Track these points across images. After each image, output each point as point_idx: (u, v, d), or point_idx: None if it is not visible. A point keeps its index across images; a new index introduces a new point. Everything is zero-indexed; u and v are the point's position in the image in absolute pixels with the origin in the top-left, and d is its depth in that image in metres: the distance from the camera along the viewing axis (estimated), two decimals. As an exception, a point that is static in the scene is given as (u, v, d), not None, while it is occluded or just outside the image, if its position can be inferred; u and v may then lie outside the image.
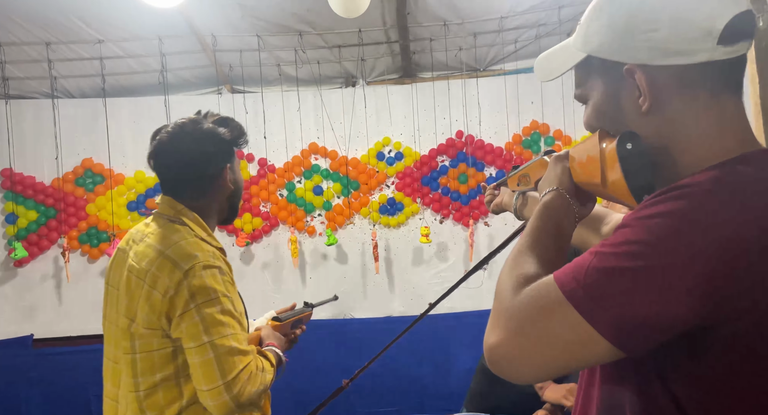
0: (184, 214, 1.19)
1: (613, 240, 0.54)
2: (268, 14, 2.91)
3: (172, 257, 1.10)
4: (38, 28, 2.86)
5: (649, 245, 0.51)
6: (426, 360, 3.28)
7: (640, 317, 0.50)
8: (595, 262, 0.53)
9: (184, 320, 1.08)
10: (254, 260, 3.49)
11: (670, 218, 0.52)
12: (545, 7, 2.98)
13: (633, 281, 0.51)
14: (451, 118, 3.43)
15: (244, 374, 1.10)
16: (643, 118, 0.61)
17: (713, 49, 0.56)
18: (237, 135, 1.28)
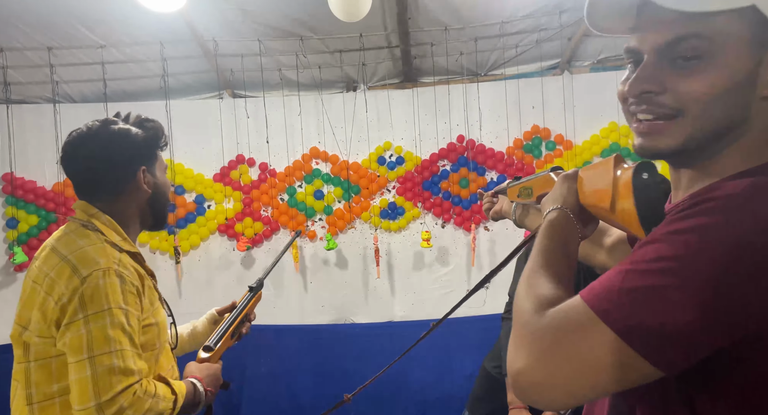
0: (96, 218, 1.14)
1: (642, 256, 0.52)
2: (270, 19, 2.92)
3: (73, 262, 1.04)
4: (40, 33, 2.87)
5: (683, 262, 0.49)
6: (427, 365, 3.26)
7: (678, 335, 0.48)
8: (628, 280, 0.51)
9: (69, 331, 1.00)
10: (255, 265, 3.49)
11: (702, 234, 0.50)
12: (546, 11, 2.98)
13: (668, 298, 0.48)
14: (452, 122, 3.43)
15: (123, 397, 0.98)
16: (761, 101, 0.55)
17: None
18: (153, 136, 1.22)
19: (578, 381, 0.51)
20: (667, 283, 0.49)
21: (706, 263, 0.48)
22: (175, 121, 3.37)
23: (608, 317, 0.50)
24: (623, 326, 0.49)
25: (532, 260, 0.65)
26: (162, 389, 1.07)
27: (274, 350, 3.38)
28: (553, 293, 0.58)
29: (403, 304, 3.46)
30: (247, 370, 3.38)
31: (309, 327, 3.42)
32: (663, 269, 0.50)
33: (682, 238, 0.50)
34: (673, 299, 0.48)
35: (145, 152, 1.20)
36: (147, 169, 1.20)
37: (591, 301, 0.52)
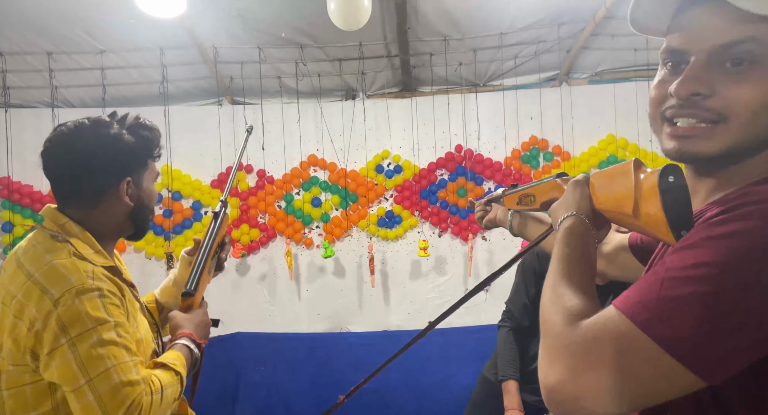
0: (67, 229, 1.03)
1: (681, 263, 0.50)
2: (270, 27, 2.93)
3: (41, 282, 0.94)
4: (40, 38, 2.88)
5: (724, 268, 0.48)
6: (423, 375, 3.24)
7: (724, 344, 0.47)
8: (667, 288, 0.49)
9: (54, 359, 0.91)
10: (250, 272, 3.47)
11: (744, 239, 0.48)
12: (545, 24, 3.01)
13: (712, 306, 0.47)
14: (451, 132, 3.44)
15: (134, 408, 0.93)
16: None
17: None
18: (146, 146, 1.10)
19: (619, 393, 0.50)
20: (708, 290, 0.47)
21: (748, 269, 0.47)
22: (174, 127, 3.37)
23: (649, 327, 0.49)
24: (665, 336, 0.48)
25: (553, 269, 0.64)
26: (166, 377, 1.01)
27: (268, 357, 3.35)
28: (582, 304, 0.56)
29: (400, 313, 3.45)
30: (240, 378, 3.35)
31: (304, 335, 3.40)
32: (704, 276, 0.48)
33: (722, 243, 0.49)
34: (716, 307, 0.47)
35: (133, 162, 1.09)
36: (133, 179, 1.08)
37: (629, 311, 0.50)
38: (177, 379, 1.03)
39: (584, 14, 2.90)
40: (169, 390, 1.00)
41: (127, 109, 3.65)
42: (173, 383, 1.02)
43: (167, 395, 1.00)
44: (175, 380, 1.03)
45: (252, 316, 3.40)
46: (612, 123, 3.28)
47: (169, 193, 3.41)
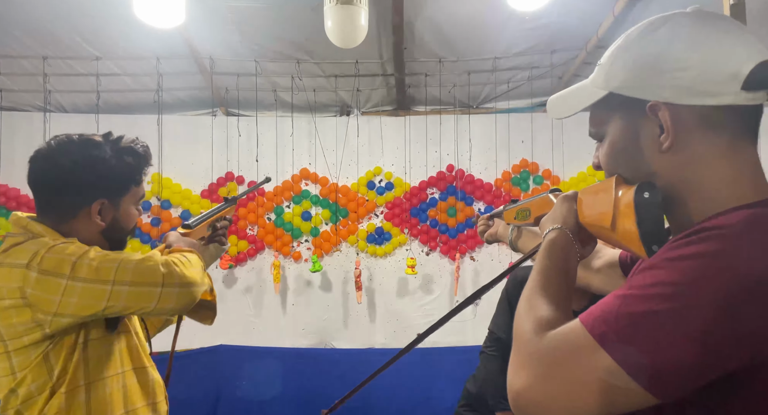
0: (30, 229, 1.05)
1: (641, 282, 0.53)
2: (267, 41, 2.96)
3: (5, 262, 0.98)
4: (36, 42, 2.87)
5: (682, 288, 0.50)
6: (407, 394, 3.21)
7: (675, 362, 0.49)
8: (626, 305, 0.52)
9: (72, 296, 0.95)
10: (236, 284, 3.44)
11: (702, 260, 0.51)
12: (538, 50, 3.07)
13: (666, 324, 0.49)
14: (442, 152, 3.47)
15: (169, 266, 1.00)
16: (661, 157, 0.61)
17: (737, 94, 0.57)
18: (129, 171, 1.11)
19: (575, 403, 0.52)
20: (664, 308, 0.49)
21: (705, 290, 0.49)
22: (166, 136, 3.37)
23: (605, 341, 0.51)
24: (619, 351, 0.50)
25: (532, 279, 0.66)
26: (180, 252, 1.09)
27: (250, 372, 3.30)
28: (552, 315, 0.59)
29: (385, 331, 3.43)
30: (221, 391, 3.29)
31: (288, 350, 3.36)
32: (661, 295, 0.50)
33: (681, 264, 0.51)
34: (670, 326, 0.49)
35: (112, 186, 1.10)
36: (109, 201, 1.09)
37: (589, 325, 0.53)
38: (192, 253, 1.11)
39: (577, 43, 2.97)
40: (190, 256, 1.09)
41: (121, 116, 3.65)
42: (192, 255, 1.10)
43: (191, 259, 1.08)
44: (193, 254, 1.11)
45: (236, 328, 3.36)
46: (601, 149, 3.34)
47: (158, 202, 3.38)
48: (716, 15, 0.62)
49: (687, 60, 0.58)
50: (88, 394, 1.00)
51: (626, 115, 0.64)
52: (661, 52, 0.60)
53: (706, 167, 0.60)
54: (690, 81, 0.58)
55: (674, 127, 0.60)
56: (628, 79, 0.62)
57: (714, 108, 0.59)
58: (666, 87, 0.59)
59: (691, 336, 0.48)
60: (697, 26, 0.60)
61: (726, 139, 0.60)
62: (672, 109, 0.60)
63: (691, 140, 0.60)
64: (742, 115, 0.60)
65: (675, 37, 0.60)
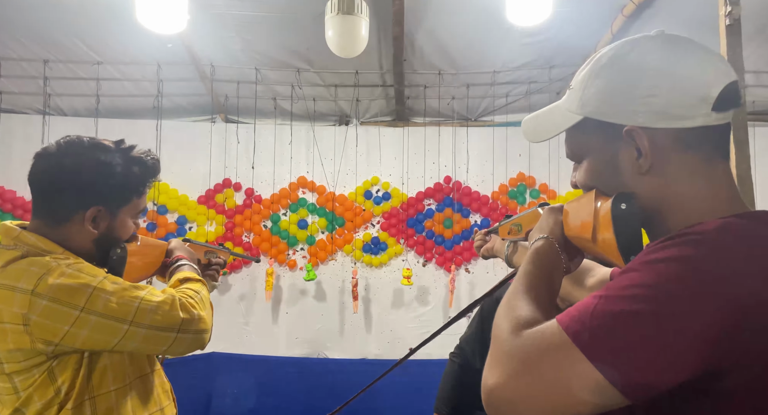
0: (22, 239, 1.01)
1: (619, 283, 0.53)
2: (268, 49, 2.98)
3: (3, 283, 0.93)
4: (37, 46, 2.89)
5: (657, 289, 0.51)
6: (399, 406, 3.19)
7: (647, 362, 0.49)
8: (601, 305, 0.52)
9: (82, 328, 0.92)
10: (230, 291, 3.43)
11: (679, 264, 0.52)
12: (537, 65, 3.10)
13: (640, 325, 0.50)
14: (440, 163, 3.49)
15: (184, 311, 0.99)
16: (640, 178, 0.63)
17: (708, 115, 0.60)
18: (133, 182, 1.07)
19: (548, 401, 0.52)
20: (639, 309, 0.50)
21: (678, 293, 0.50)
22: (165, 141, 3.37)
23: (578, 339, 0.51)
24: (592, 349, 0.50)
25: (515, 283, 0.67)
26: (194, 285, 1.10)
27: (242, 380, 3.28)
28: (531, 316, 0.59)
29: (379, 342, 3.41)
30: (212, 399, 3.26)
31: (281, 359, 3.34)
32: (635, 296, 0.51)
33: (656, 267, 0.53)
34: (644, 326, 0.50)
35: (113, 194, 1.05)
36: (107, 209, 1.05)
37: (565, 323, 0.53)
38: (201, 284, 1.12)
39: (575, 58, 3.00)
40: (202, 291, 1.09)
41: (120, 120, 3.65)
42: (202, 287, 1.11)
43: (204, 296, 1.08)
44: (202, 285, 1.12)
45: (229, 336, 3.34)
46: (597, 164, 3.36)
47: (154, 207, 3.38)
48: (682, 38, 0.63)
49: (658, 86, 0.60)
50: (94, 408, 0.98)
51: (603, 139, 0.66)
52: (633, 79, 0.62)
53: (683, 185, 0.62)
54: (662, 106, 0.60)
55: (651, 150, 0.62)
56: (601, 105, 0.64)
57: (687, 130, 0.61)
58: (639, 112, 0.61)
59: (661, 338, 0.49)
60: (666, 51, 0.62)
61: (701, 158, 0.62)
62: (648, 132, 0.61)
63: (668, 161, 0.62)
64: (713, 134, 0.62)
65: (644, 64, 0.62)
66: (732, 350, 0.50)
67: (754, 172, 1.71)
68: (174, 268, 1.18)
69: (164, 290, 1.04)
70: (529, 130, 0.76)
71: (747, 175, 1.63)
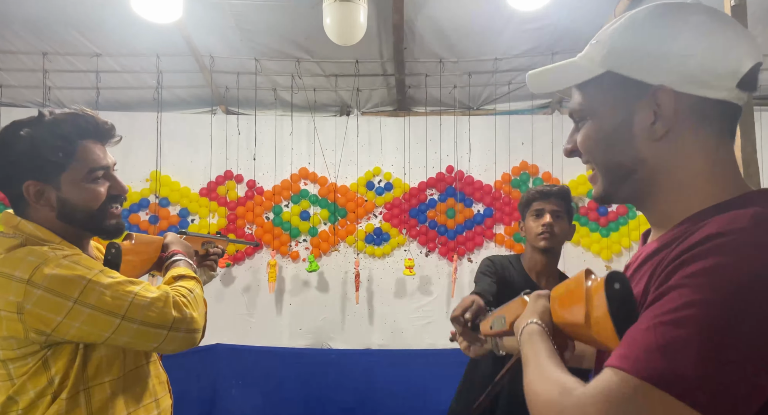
0: (21, 228, 1.01)
1: (666, 307, 0.49)
2: (267, 39, 2.96)
3: (1, 271, 0.93)
4: (36, 38, 2.87)
5: (713, 305, 0.47)
6: (401, 398, 3.20)
7: (733, 380, 0.46)
8: (661, 335, 0.48)
9: (74, 320, 0.92)
10: (234, 283, 3.43)
11: (723, 273, 0.49)
12: (539, 51, 3.06)
13: (710, 345, 0.46)
14: (442, 153, 3.46)
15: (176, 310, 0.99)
16: (651, 145, 0.61)
17: (731, 90, 0.58)
18: (55, 145, 1.00)
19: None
20: (701, 328, 0.47)
21: (736, 303, 0.47)
22: (166, 134, 3.36)
23: (654, 378, 0.47)
24: (673, 383, 0.46)
25: (526, 372, 0.63)
26: (188, 283, 1.09)
27: (247, 371, 3.29)
28: (571, 379, 0.55)
29: (383, 332, 3.41)
30: (217, 390, 3.28)
31: (284, 350, 3.35)
32: (694, 316, 0.47)
33: (703, 280, 0.49)
34: (715, 344, 0.46)
35: (33, 163, 1.00)
36: (44, 182, 1.00)
37: (631, 368, 0.48)
38: (195, 282, 1.11)
39: (578, 44, 2.95)
40: (196, 290, 1.08)
41: (120, 113, 3.65)
42: (196, 285, 1.10)
43: (198, 294, 1.07)
44: (196, 283, 1.11)
45: (233, 327, 3.35)
46: (601, 152, 3.33)
47: (156, 199, 3.38)
48: (720, 11, 0.62)
49: (694, 47, 0.58)
50: (89, 398, 0.98)
51: (621, 97, 0.62)
52: (670, 36, 0.59)
53: (689, 159, 0.60)
54: (693, 69, 0.58)
55: (668, 113, 0.59)
56: (631, 59, 0.61)
57: (708, 101, 0.59)
58: (672, 72, 0.58)
59: (737, 351, 0.46)
60: (707, 16, 0.60)
61: (712, 134, 0.60)
62: (666, 94, 0.59)
63: (683, 130, 0.60)
64: (730, 112, 0.60)
65: (686, 24, 0.59)
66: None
67: (760, 157, 1.69)
68: (169, 263, 1.17)
69: (159, 287, 1.03)
70: (535, 80, 0.71)
71: (753, 160, 1.60)
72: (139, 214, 3.39)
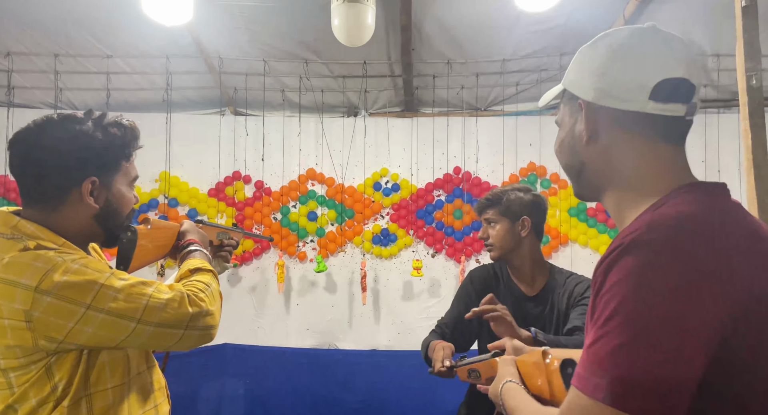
0: (20, 228, 0.97)
1: (598, 321, 0.56)
2: (276, 40, 2.97)
3: (6, 278, 0.90)
4: (48, 40, 2.91)
5: (628, 315, 0.54)
6: (409, 398, 3.20)
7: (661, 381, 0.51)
8: (594, 352, 0.55)
9: (87, 325, 0.90)
10: (241, 283, 3.45)
11: (632, 279, 0.55)
12: (547, 52, 3.05)
13: (634, 353, 0.52)
14: (449, 154, 3.46)
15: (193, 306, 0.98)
16: (584, 148, 0.73)
17: (645, 102, 0.66)
18: (118, 144, 1.03)
19: None
20: (624, 340, 0.53)
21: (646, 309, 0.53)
22: (175, 135, 3.39)
23: (595, 394, 0.53)
24: (613, 397, 0.52)
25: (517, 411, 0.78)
26: (205, 277, 1.07)
27: (254, 371, 3.31)
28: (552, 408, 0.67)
29: (390, 332, 3.42)
30: (225, 390, 3.30)
31: (291, 350, 3.36)
32: (616, 328, 0.54)
33: (617, 290, 0.55)
34: (638, 352, 0.52)
35: (100, 161, 1.01)
36: (100, 180, 1.01)
37: (580, 385, 0.56)
38: (212, 275, 1.10)
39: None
40: (213, 284, 1.07)
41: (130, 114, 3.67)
42: (213, 279, 1.09)
43: (215, 289, 1.07)
44: (212, 277, 1.10)
45: (241, 327, 3.36)
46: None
47: (165, 200, 3.40)
48: (652, 32, 0.69)
49: (608, 66, 0.68)
50: (90, 405, 0.96)
51: (569, 108, 0.75)
52: (595, 57, 0.70)
53: (626, 160, 0.69)
54: (607, 85, 0.68)
55: (588, 124, 0.71)
56: (572, 78, 0.74)
57: (626, 112, 0.67)
58: (590, 88, 0.70)
59: (659, 353, 0.51)
60: (629, 38, 0.69)
61: (641, 139, 0.68)
62: (593, 108, 0.70)
63: (606, 136, 0.70)
64: (656, 121, 0.67)
65: (605, 47, 0.70)
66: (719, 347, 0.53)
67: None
68: (185, 253, 1.16)
69: (172, 286, 1.01)
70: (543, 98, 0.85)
71: (763, 161, 1.58)
72: (148, 214, 3.41)
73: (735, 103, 3.29)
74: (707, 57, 2.97)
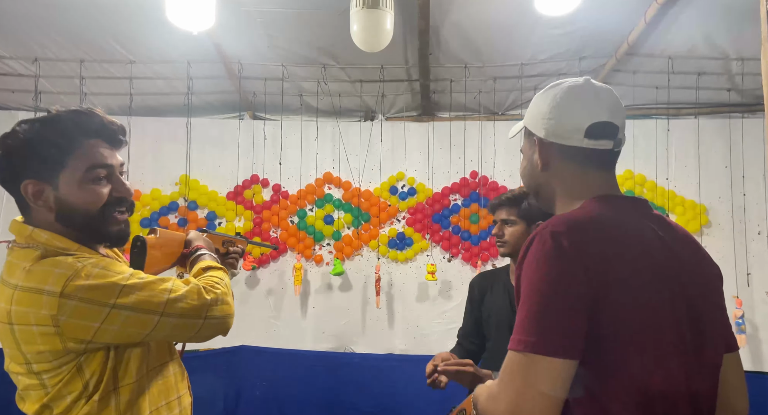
0: (35, 237, 0.99)
1: (521, 297, 0.80)
2: (294, 46, 3.00)
3: (30, 287, 0.92)
4: (74, 46, 2.98)
5: (530, 287, 0.78)
6: (424, 404, 3.18)
7: (557, 326, 0.75)
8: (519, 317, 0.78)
9: (113, 324, 0.93)
10: (259, 285, 3.48)
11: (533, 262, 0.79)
12: (566, 57, 3.03)
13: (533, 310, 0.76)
14: (466, 158, 3.45)
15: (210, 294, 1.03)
16: (540, 173, 0.95)
17: (581, 140, 0.89)
18: (53, 142, 0.97)
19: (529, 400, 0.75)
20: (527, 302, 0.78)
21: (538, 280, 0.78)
22: (195, 139, 3.44)
23: (522, 346, 0.76)
24: (526, 344, 0.75)
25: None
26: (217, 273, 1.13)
27: (271, 373, 3.33)
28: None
29: (405, 337, 3.41)
30: (242, 392, 3.32)
31: (308, 353, 3.37)
32: (524, 296, 0.79)
33: (525, 272, 0.81)
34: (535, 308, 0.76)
35: (33, 163, 0.97)
36: (41, 182, 0.98)
37: (510, 345, 0.78)
38: (223, 272, 1.16)
39: (606, 49, 2.92)
40: (225, 279, 1.13)
41: (152, 118, 3.72)
42: (225, 275, 1.15)
43: (227, 284, 1.12)
44: (224, 273, 1.15)
45: (258, 330, 3.39)
46: (630, 159, 3.27)
47: (185, 203, 3.45)
48: (586, 86, 0.91)
49: (552, 113, 0.91)
50: (118, 398, 1.00)
51: (529, 141, 0.97)
52: (545, 105, 0.92)
53: (564, 183, 0.93)
54: (554, 127, 0.91)
55: (544, 154, 0.93)
56: (529, 118, 0.96)
57: (568, 146, 0.90)
58: (542, 128, 0.92)
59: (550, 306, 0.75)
60: (566, 93, 0.91)
61: (578, 167, 0.92)
62: (546, 143, 0.92)
63: (554, 164, 0.93)
64: (590, 153, 0.90)
65: (551, 98, 0.92)
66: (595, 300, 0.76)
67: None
68: (195, 257, 1.20)
69: (187, 280, 1.05)
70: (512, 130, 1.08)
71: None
72: (168, 216, 3.47)
73: (759, 108, 3.23)
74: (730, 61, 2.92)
